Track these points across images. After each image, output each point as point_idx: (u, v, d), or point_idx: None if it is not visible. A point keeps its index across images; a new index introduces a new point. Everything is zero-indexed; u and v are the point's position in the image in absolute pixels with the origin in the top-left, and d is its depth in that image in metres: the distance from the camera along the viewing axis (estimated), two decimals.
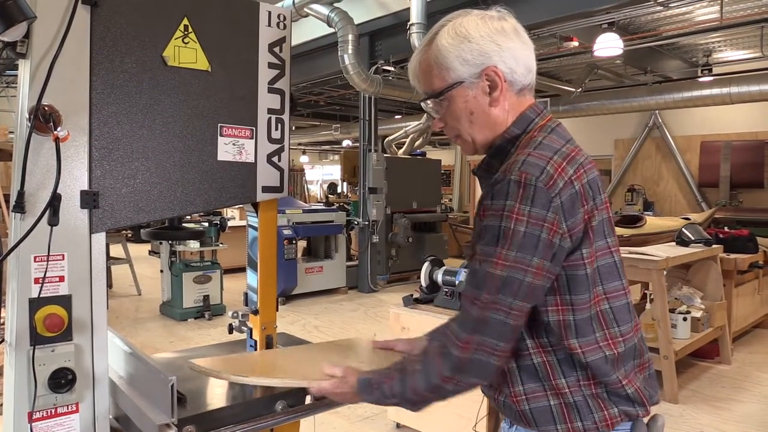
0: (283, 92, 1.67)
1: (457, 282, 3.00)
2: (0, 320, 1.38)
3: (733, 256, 5.03)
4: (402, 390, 1.15)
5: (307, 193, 19.97)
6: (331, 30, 6.96)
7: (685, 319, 4.30)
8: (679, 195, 10.67)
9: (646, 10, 6.26)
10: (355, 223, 8.05)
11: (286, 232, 6.82)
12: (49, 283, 1.30)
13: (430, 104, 1.24)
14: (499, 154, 1.19)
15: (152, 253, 7.61)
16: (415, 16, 6.15)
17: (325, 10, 6.75)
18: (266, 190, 1.66)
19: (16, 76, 1.38)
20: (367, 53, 7.72)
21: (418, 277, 3.25)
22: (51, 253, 1.28)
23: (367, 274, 7.89)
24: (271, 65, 1.64)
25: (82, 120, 1.34)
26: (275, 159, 1.66)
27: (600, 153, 11.16)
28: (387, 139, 10.52)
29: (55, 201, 1.26)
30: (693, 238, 4.64)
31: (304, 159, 21.24)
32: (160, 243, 6.41)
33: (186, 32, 1.47)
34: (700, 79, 8.37)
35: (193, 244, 6.33)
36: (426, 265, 3.15)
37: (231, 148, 1.57)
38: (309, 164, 22.10)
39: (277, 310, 1.77)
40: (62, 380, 1.28)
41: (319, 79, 9.53)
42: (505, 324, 1.05)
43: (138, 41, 1.40)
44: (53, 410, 1.30)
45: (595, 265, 1.11)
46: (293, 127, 14.65)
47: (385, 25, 7.39)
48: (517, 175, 1.05)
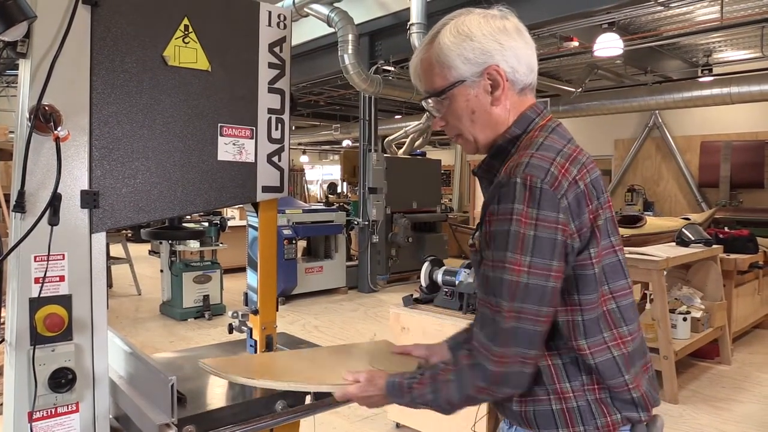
0: (283, 92, 1.67)
1: (457, 282, 3.00)
2: (0, 320, 1.38)
3: (733, 256, 5.03)
4: (434, 398, 1.15)
5: (307, 193, 19.97)
6: (331, 30, 6.96)
7: (685, 320, 4.30)
8: (679, 195, 10.67)
9: (646, 10, 6.26)
10: (355, 223, 8.05)
11: (286, 232, 6.82)
12: (49, 282, 1.30)
13: (431, 103, 1.23)
14: (499, 155, 1.19)
15: (152, 252, 7.62)
16: (415, 16, 6.16)
17: (325, 10, 6.75)
18: (266, 189, 1.66)
19: (17, 75, 1.38)
20: (367, 53, 7.72)
21: (418, 277, 3.25)
22: (51, 253, 1.28)
23: (367, 274, 7.89)
24: (271, 65, 1.64)
25: (83, 120, 1.34)
26: (275, 159, 1.67)
27: (600, 153, 11.15)
28: (387, 139, 10.52)
29: (56, 201, 1.27)
30: (693, 239, 4.64)
31: (304, 159, 21.24)
32: (160, 243, 6.41)
33: (186, 32, 1.48)
34: (701, 79, 8.37)
35: (193, 244, 6.33)
36: (426, 265, 3.15)
37: (231, 147, 1.57)
38: (309, 164, 22.10)
39: (277, 310, 1.77)
40: (62, 380, 1.28)
41: (319, 79, 9.53)
42: (534, 332, 1.05)
43: (138, 41, 1.40)
44: (53, 410, 1.30)
45: (602, 264, 1.11)
46: (293, 127, 14.65)
47: (385, 25, 7.40)
48: (522, 178, 1.04)
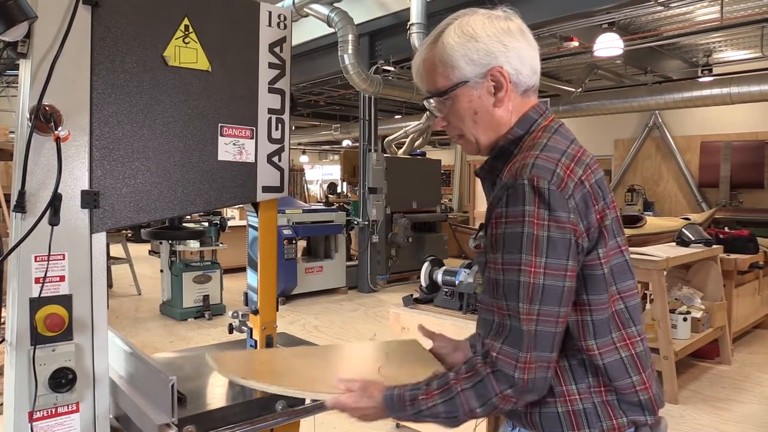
0: (283, 92, 1.67)
1: (457, 282, 3.00)
2: (1, 320, 1.38)
3: (734, 256, 5.03)
4: (447, 410, 1.08)
5: (307, 193, 19.97)
6: (331, 30, 6.96)
7: (685, 320, 4.30)
8: (679, 195, 10.68)
9: (646, 10, 6.26)
10: (355, 223, 8.05)
11: (286, 232, 6.82)
12: (49, 282, 1.30)
13: (433, 103, 1.22)
14: (502, 156, 1.18)
15: (152, 252, 7.62)
16: (415, 16, 6.16)
17: (325, 10, 6.75)
18: (266, 189, 1.66)
19: (17, 75, 1.38)
20: (367, 53, 7.72)
21: (418, 277, 3.25)
22: (52, 253, 1.28)
23: (367, 274, 7.89)
24: (271, 65, 1.64)
25: (83, 120, 1.34)
26: (275, 159, 1.67)
27: (600, 153, 11.15)
28: (387, 139, 10.52)
29: (56, 201, 1.27)
30: (693, 239, 4.64)
31: (304, 159, 21.25)
32: (160, 243, 6.41)
33: (186, 32, 1.48)
34: (701, 79, 8.37)
35: (193, 244, 6.33)
36: (426, 265, 3.15)
37: (231, 147, 1.57)
38: (309, 164, 22.10)
39: (277, 310, 1.77)
40: (63, 380, 1.28)
41: (319, 79, 9.53)
42: (554, 334, 1.04)
43: (139, 41, 1.41)
44: (53, 410, 1.30)
45: (610, 264, 1.10)
46: (293, 127, 14.65)
47: (385, 25, 7.40)
48: (529, 179, 1.03)
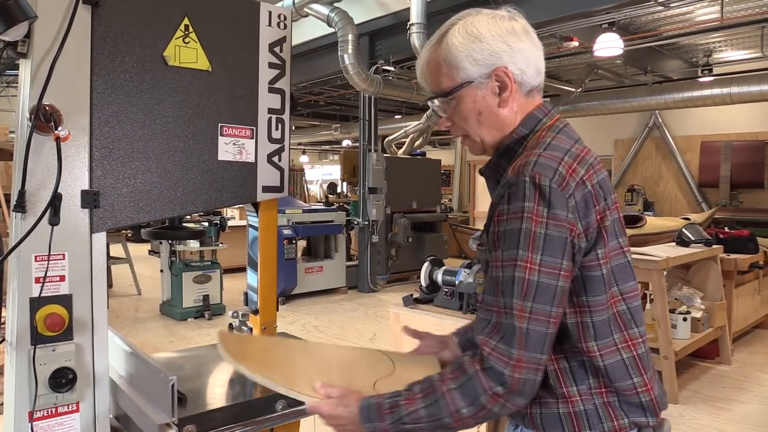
0: (283, 92, 1.67)
1: (457, 282, 3.00)
2: (1, 320, 1.38)
3: (734, 256, 5.03)
4: (430, 414, 1.03)
5: (306, 193, 19.97)
6: (331, 30, 6.96)
7: (685, 320, 4.30)
8: (679, 195, 10.68)
9: (646, 10, 6.26)
10: (355, 223, 8.05)
11: (286, 232, 6.81)
12: (49, 282, 1.30)
13: (437, 103, 1.22)
14: (506, 154, 1.18)
15: (152, 252, 7.62)
16: (415, 16, 6.16)
17: (325, 10, 6.75)
18: (266, 189, 1.66)
19: (17, 75, 1.38)
20: (367, 53, 7.72)
21: (418, 277, 3.25)
22: (52, 253, 1.28)
23: (367, 274, 7.89)
24: (271, 65, 1.64)
25: (83, 120, 1.34)
26: (275, 159, 1.67)
27: (600, 153, 11.08)
28: (387, 139, 10.52)
29: (56, 200, 1.27)
30: (693, 239, 4.64)
31: (304, 159, 21.24)
32: (160, 243, 6.41)
33: (186, 32, 1.48)
34: (701, 79, 8.37)
35: (193, 244, 6.33)
36: (426, 265, 3.15)
37: (231, 147, 1.57)
38: (309, 164, 22.10)
39: (277, 310, 1.77)
40: (63, 380, 1.28)
41: (319, 79, 9.53)
42: (546, 335, 1.02)
43: (139, 41, 1.41)
44: (54, 409, 1.30)
45: (610, 265, 1.10)
46: (293, 127, 14.65)
47: (385, 25, 7.39)
48: (531, 176, 1.03)
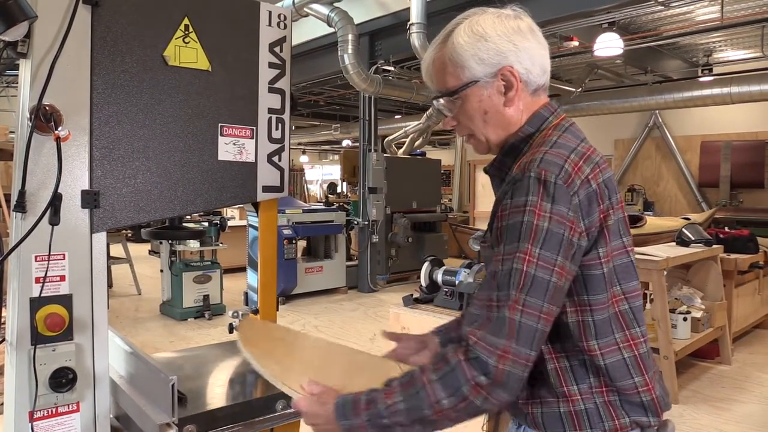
0: (283, 92, 1.67)
1: (457, 282, 3.00)
2: (1, 320, 1.38)
3: (734, 256, 5.03)
4: (413, 405, 1.01)
5: (306, 193, 19.97)
6: (331, 30, 6.96)
7: (685, 320, 4.30)
8: (679, 195, 10.68)
9: (646, 10, 6.26)
10: (355, 223, 8.05)
11: (286, 232, 6.81)
12: (49, 282, 1.30)
13: (442, 102, 1.22)
14: (512, 153, 1.18)
15: (152, 252, 7.62)
16: (415, 16, 6.16)
17: (325, 10, 6.75)
18: (267, 189, 1.66)
19: (17, 75, 1.38)
20: (367, 53, 7.72)
21: (418, 277, 3.25)
22: (52, 253, 1.28)
23: (367, 274, 7.89)
24: (271, 65, 1.64)
25: (83, 120, 1.34)
26: (275, 159, 1.67)
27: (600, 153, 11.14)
28: (387, 139, 10.52)
29: (56, 200, 1.27)
30: (693, 238, 4.64)
31: (304, 159, 21.25)
32: (160, 243, 6.41)
33: (187, 32, 1.48)
34: (701, 79, 8.37)
35: (193, 244, 6.33)
36: (426, 265, 3.15)
37: (231, 147, 1.57)
38: (309, 164, 22.11)
39: (277, 310, 1.77)
40: (63, 379, 1.28)
41: (319, 79, 9.53)
42: (535, 330, 0.99)
43: (139, 41, 1.41)
44: (54, 409, 1.30)
45: (612, 264, 1.09)
46: (293, 127, 14.65)
47: (385, 24, 7.40)
48: (537, 173, 1.03)
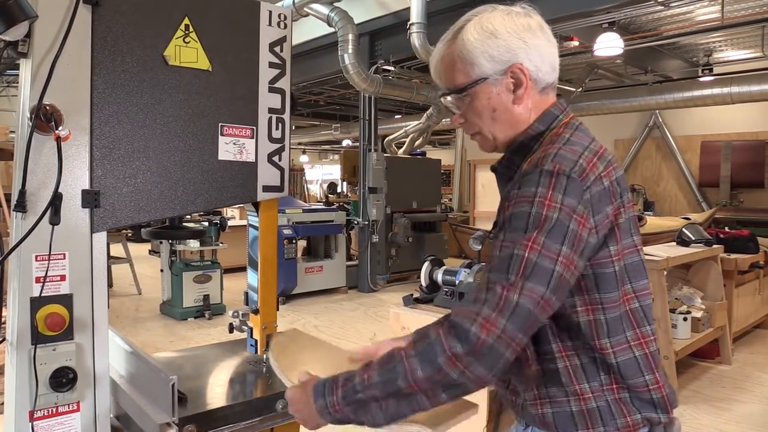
0: (283, 92, 1.67)
1: (457, 282, 3.00)
2: (1, 319, 1.38)
3: (734, 256, 5.03)
4: (388, 378, 1.00)
5: (307, 193, 19.98)
6: (331, 30, 6.96)
7: (685, 319, 4.30)
8: (680, 195, 10.68)
9: (646, 10, 6.26)
10: (355, 222, 8.05)
11: (286, 232, 6.81)
12: (50, 282, 1.30)
13: (450, 99, 1.21)
14: (521, 151, 1.17)
15: (152, 252, 7.61)
16: (415, 15, 6.16)
17: (325, 10, 6.75)
18: (267, 189, 1.66)
19: (17, 75, 1.38)
20: (367, 53, 7.73)
21: (418, 277, 3.25)
22: (52, 253, 1.28)
23: (367, 274, 7.89)
24: (271, 65, 1.64)
25: (84, 119, 1.34)
26: (276, 158, 1.66)
27: None
28: (387, 139, 10.53)
29: (57, 200, 1.27)
30: (693, 238, 4.64)
31: (304, 159, 21.26)
32: (161, 242, 6.41)
33: (187, 32, 1.48)
34: (701, 79, 8.37)
35: (194, 244, 6.33)
36: (426, 264, 3.15)
37: (232, 147, 1.57)
38: (309, 164, 22.12)
39: (278, 310, 1.77)
40: (63, 379, 1.29)
41: (319, 79, 9.54)
42: (530, 313, 0.96)
43: (139, 41, 1.40)
44: (54, 409, 1.30)
45: (623, 263, 1.09)
46: (293, 127, 14.65)
47: (385, 24, 7.40)
48: (551, 166, 1.02)
